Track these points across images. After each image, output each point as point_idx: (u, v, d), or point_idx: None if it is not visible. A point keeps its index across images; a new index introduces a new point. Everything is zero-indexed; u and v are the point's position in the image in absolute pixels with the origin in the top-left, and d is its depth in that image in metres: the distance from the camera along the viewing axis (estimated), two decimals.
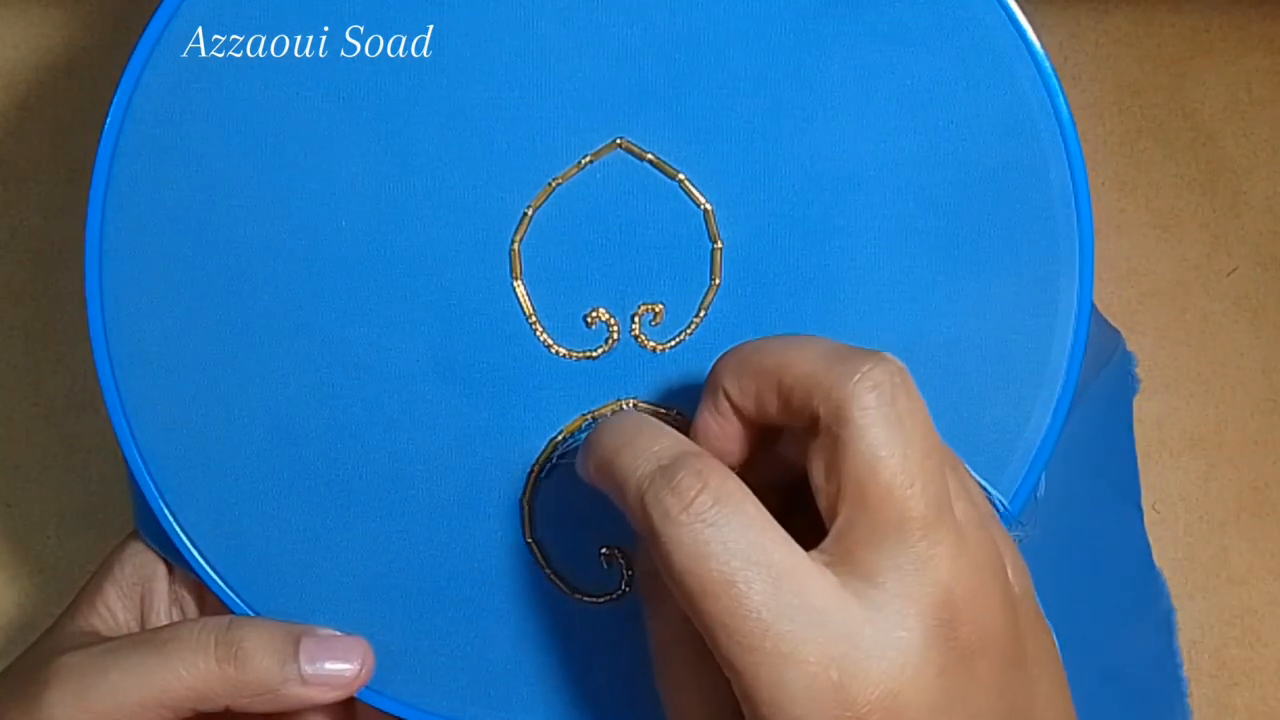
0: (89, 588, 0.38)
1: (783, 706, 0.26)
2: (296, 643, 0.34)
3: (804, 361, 0.28)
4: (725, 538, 0.26)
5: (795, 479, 0.30)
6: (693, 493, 0.27)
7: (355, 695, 0.35)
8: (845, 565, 0.27)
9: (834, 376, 0.27)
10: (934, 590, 0.27)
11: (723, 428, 0.30)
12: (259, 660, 0.33)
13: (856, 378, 0.27)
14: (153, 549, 0.37)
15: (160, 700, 0.33)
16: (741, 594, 0.26)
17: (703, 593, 0.26)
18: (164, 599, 0.37)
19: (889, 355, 0.28)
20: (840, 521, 0.27)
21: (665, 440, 0.29)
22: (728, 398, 0.30)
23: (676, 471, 0.27)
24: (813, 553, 0.27)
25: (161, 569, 0.37)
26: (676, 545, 0.26)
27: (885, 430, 0.26)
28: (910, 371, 0.34)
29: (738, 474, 0.28)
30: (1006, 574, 0.29)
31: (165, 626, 0.36)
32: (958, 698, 0.27)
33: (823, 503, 0.28)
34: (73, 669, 0.33)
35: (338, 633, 0.35)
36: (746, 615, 0.26)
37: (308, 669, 0.33)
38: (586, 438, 0.31)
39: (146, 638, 0.35)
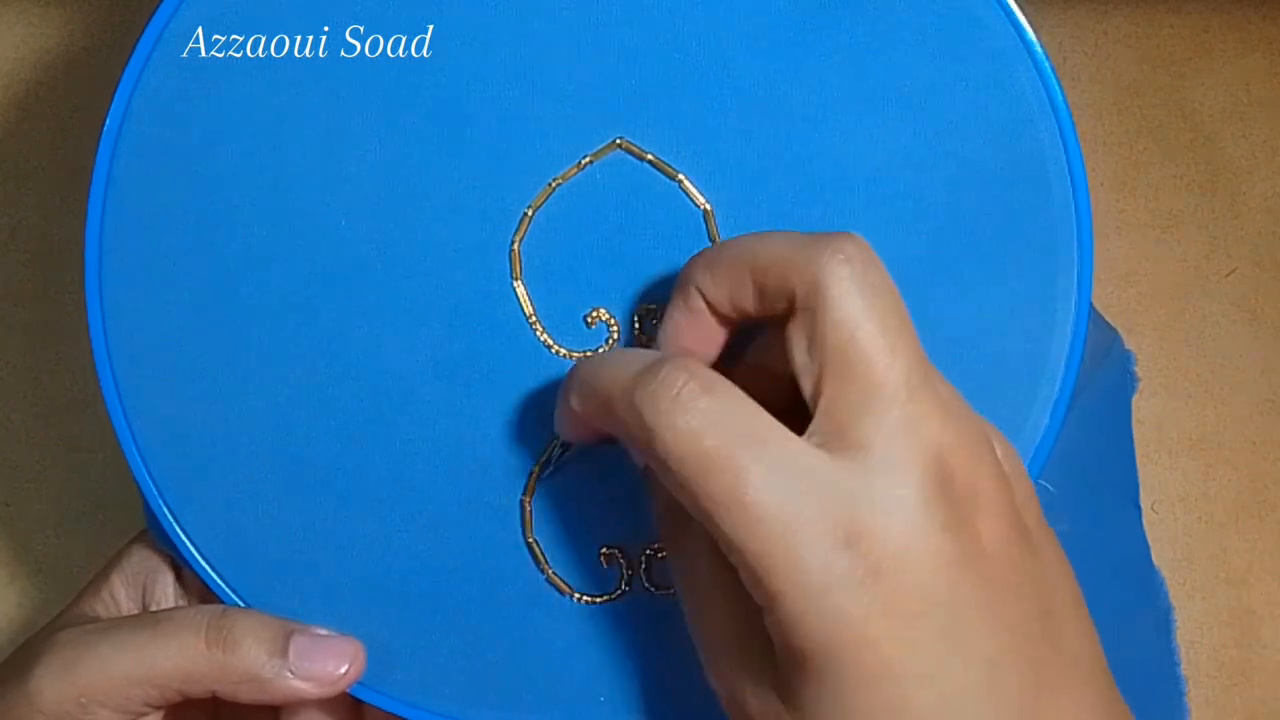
0: (96, 577, 0.38)
1: (796, 576, 0.26)
2: (288, 637, 0.34)
3: (776, 247, 0.28)
4: (717, 419, 0.26)
5: (766, 391, 0.30)
6: (679, 383, 0.27)
7: (355, 695, 0.35)
8: (836, 439, 0.27)
9: (807, 254, 0.28)
10: (926, 449, 0.27)
11: (695, 327, 0.31)
12: (247, 648, 0.33)
13: (828, 253, 0.27)
14: (160, 550, 0.38)
15: (147, 678, 0.33)
16: (742, 468, 0.26)
17: (704, 473, 0.26)
18: (168, 590, 0.37)
19: (855, 234, 0.28)
20: (826, 397, 0.27)
21: (645, 353, 0.29)
22: (701, 294, 0.30)
23: (661, 368, 0.27)
24: (803, 436, 0.28)
25: (168, 562, 0.38)
26: (670, 431, 0.27)
27: (861, 299, 0.27)
28: None
29: None
30: (994, 450, 0.29)
31: (162, 610, 0.36)
32: (968, 556, 0.27)
33: (806, 383, 0.28)
34: (64, 643, 0.34)
35: (332, 632, 0.35)
36: (749, 488, 0.26)
37: (295, 664, 0.33)
38: (564, 381, 0.31)
39: (141, 618, 0.35)
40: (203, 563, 0.36)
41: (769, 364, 0.31)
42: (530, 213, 0.35)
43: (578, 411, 0.30)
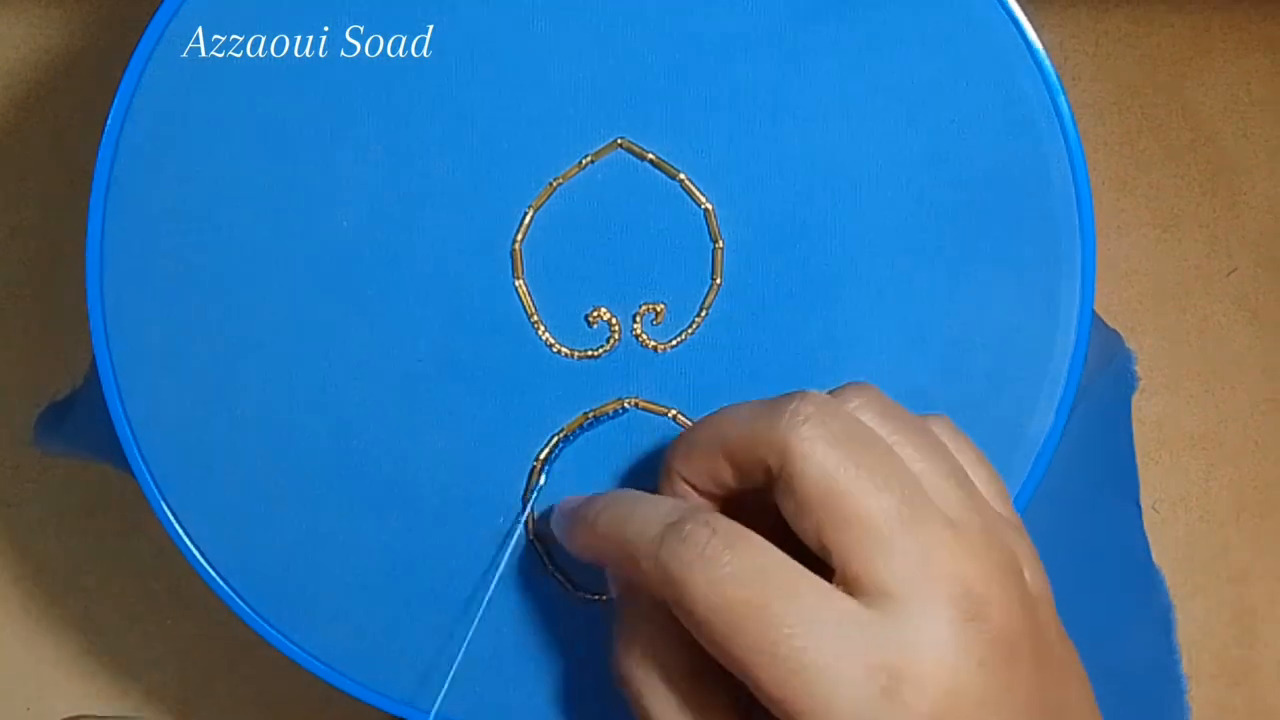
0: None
1: None
2: None
3: (739, 424, 0.29)
4: (744, 572, 0.26)
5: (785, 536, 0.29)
6: (703, 539, 0.27)
7: (356, 695, 0.35)
8: (857, 586, 0.27)
9: (766, 426, 0.28)
10: (948, 583, 0.27)
11: None
12: None
13: (787, 418, 0.27)
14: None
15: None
16: (773, 616, 0.26)
17: (734, 628, 0.26)
18: None
19: (811, 390, 0.28)
20: (833, 548, 0.27)
21: (666, 504, 0.29)
22: (684, 480, 0.30)
23: (684, 525, 0.27)
24: (833, 584, 0.27)
25: None
26: (698, 587, 0.27)
27: (830, 452, 0.27)
28: (913, 371, 0.35)
29: None
30: (1022, 573, 0.29)
31: None
32: (1005, 690, 0.27)
33: (812, 543, 0.28)
34: None
35: None
36: (781, 639, 0.26)
37: None
38: (572, 511, 0.31)
39: None
40: (203, 562, 0.36)
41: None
42: (531, 212, 0.35)
43: (591, 550, 0.31)
